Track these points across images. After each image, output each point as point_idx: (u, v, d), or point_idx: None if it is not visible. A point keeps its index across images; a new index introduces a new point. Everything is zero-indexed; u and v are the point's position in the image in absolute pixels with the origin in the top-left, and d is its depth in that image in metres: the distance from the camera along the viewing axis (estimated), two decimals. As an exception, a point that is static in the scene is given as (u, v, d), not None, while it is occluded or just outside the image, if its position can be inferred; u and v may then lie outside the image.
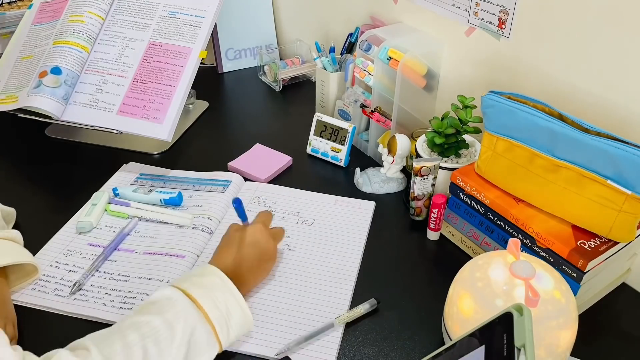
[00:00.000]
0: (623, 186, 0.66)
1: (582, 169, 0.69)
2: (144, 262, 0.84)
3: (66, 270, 0.82)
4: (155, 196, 0.94)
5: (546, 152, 0.73)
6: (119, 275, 0.82)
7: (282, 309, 0.77)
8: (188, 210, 0.94)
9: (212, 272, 0.70)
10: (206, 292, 0.67)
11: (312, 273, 0.83)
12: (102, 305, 0.76)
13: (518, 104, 0.74)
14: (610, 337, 0.74)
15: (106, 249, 0.85)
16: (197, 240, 0.88)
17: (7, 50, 1.14)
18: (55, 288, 0.79)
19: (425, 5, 1.02)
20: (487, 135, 0.79)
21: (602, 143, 0.66)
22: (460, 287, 0.65)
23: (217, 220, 0.92)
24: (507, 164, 0.77)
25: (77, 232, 0.89)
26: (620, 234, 0.69)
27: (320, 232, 0.90)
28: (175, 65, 1.04)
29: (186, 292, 0.66)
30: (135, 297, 0.78)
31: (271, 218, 0.84)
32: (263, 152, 1.10)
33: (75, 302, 0.77)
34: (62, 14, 1.12)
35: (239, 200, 0.80)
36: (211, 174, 1.03)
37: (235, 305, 0.68)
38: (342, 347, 0.72)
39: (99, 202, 0.93)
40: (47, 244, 0.87)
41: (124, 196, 0.95)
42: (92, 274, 0.81)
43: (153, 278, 0.81)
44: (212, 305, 0.66)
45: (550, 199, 0.74)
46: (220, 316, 0.66)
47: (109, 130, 1.00)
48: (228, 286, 0.69)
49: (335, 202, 0.97)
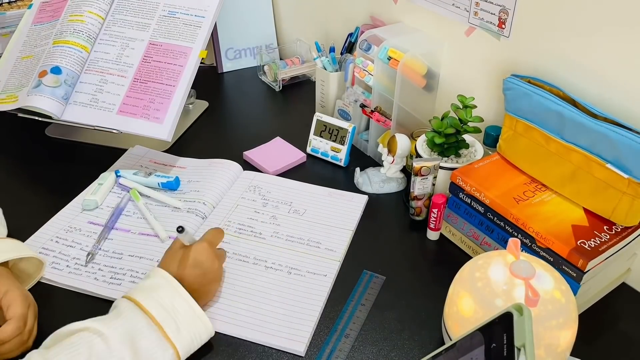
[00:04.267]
0: (622, 170, 0.68)
1: (587, 152, 0.73)
2: (138, 242, 0.88)
3: (65, 245, 0.87)
4: (153, 179, 0.99)
5: (556, 135, 0.76)
6: (113, 252, 0.86)
7: (266, 294, 0.79)
8: (185, 194, 0.97)
9: (156, 273, 0.69)
10: (149, 293, 0.66)
11: (297, 261, 0.84)
12: (93, 279, 0.81)
13: (534, 87, 0.78)
14: (610, 337, 0.74)
15: (108, 222, 0.90)
16: (189, 223, 0.91)
17: (7, 50, 1.14)
18: (53, 261, 0.84)
19: (425, 5, 1.02)
20: (508, 116, 0.83)
21: (605, 128, 0.70)
22: (460, 287, 0.65)
23: (211, 206, 0.95)
24: (527, 143, 0.81)
25: (82, 209, 0.94)
26: (622, 216, 0.71)
27: (309, 222, 0.92)
28: (175, 65, 1.04)
29: (129, 297, 0.65)
30: (125, 274, 0.82)
31: (221, 238, 0.79)
32: (280, 145, 1.12)
33: (69, 276, 0.81)
34: (62, 14, 1.12)
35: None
36: (212, 161, 1.06)
37: (182, 303, 0.66)
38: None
39: (105, 182, 0.98)
40: (50, 220, 0.92)
41: (125, 177, 1.00)
42: (101, 246, 0.86)
43: (144, 257, 0.85)
44: (158, 305, 0.64)
45: (566, 178, 0.77)
46: (167, 316, 0.64)
47: (108, 130, 1.00)
48: (172, 284, 0.67)
49: (328, 194, 0.99)
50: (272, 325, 0.74)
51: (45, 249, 0.86)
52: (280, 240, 0.89)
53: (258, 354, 0.71)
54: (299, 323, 0.74)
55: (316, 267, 0.83)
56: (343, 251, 0.87)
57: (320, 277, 0.82)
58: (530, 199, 0.78)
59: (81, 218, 0.93)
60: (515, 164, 0.85)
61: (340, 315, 0.76)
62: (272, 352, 0.71)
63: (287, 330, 0.73)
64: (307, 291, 0.79)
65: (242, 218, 0.93)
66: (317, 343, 0.72)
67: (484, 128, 0.94)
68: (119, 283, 0.80)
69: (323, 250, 0.87)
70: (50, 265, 0.83)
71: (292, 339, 0.72)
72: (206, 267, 0.73)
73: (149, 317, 0.63)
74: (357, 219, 0.93)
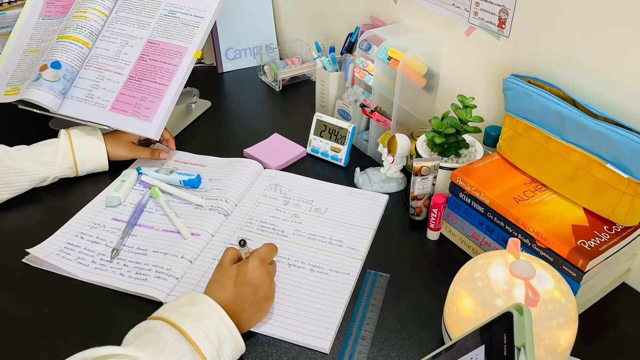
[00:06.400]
0: (622, 170, 0.68)
1: (587, 152, 0.73)
2: (162, 238, 0.89)
3: (90, 241, 0.88)
4: (175, 177, 0.99)
5: (556, 134, 0.76)
6: (138, 248, 0.87)
7: (291, 293, 0.79)
8: (207, 192, 0.98)
9: (203, 301, 0.67)
10: (196, 322, 0.64)
11: (319, 260, 0.85)
12: (119, 275, 0.82)
13: (534, 87, 0.78)
14: (610, 337, 0.74)
15: (131, 219, 0.92)
16: (212, 220, 0.92)
17: (11, 40, 1.13)
18: (78, 257, 0.85)
19: (425, 5, 1.02)
20: (508, 116, 0.83)
21: (605, 128, 0.70)
22: (460, 287, 0.65)
23: (233, 204, 0.96)
24: (527, 143, 0.81)
25: (105, 205, 0.96)
26: (622, 216, 0.71)
27: (331, 221, 0.93)
28: (170, 64, 1.04)
29: (174, 324, 0.63)
30: (150, 270, 0.82)
31: (274, 254, 0.76)
32: (279, 141, 1.13)
33: (95, 272, 0.82)
34: (70, 10, 1.12)
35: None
36: (232, 160, 1.07)
37: (228, 336, 0.65)
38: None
39: (128, 179, 0.99)
40: (75, 215, 0.93)
41: (146, 175, 1.01)
42: (125, 243, 0.88)
43: (169, 253, 0.85)
44: (204, 337, 0.63)
45: (566, 178, 0.77)
46: (212, 348, 0.63)
47: (99, 125, 1.01)
48: (220, 314, 0.66)
49: (348, 193, 0.99)
50: (297, 323, 0.74)
51: (70, 245, 0.87)
52: (302, 239, 0.89)
53: (283, 350, 0.71)
54: (324, 321, 0.75)
55: (339, 266, 0.84)
56: (365, 250, 0.87)
57: (343, 275, 0.82)
58: (530, 199, 0.78)
59: (105, 214, 0.94)
60: (515, 164, 0.84)
61: (353, 316, 0.76)
62: (296, 349, 0.72)
63: (312, 327, 0.73)
64: (331, 289, 0.79)
65: (264, 216, 0.94)
66: (336, 343, 0.72)
67: (484, 128, 0.94)
68: (144, 278, 0.81)
69: (345, 248, 0.87)
70: (76, 261, 0.84)
71: (317, 336, 0.72)
72: (257, 285, 0.71)
73: (195, 349, 0.62)
74: (379, 218, 0.93)
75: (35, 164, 0.95)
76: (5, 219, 0.93)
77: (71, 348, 0.59)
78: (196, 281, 0.81)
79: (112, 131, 1.02)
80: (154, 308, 0.68)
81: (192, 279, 0.81)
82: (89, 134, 1.01)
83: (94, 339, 0.62)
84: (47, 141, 0.99)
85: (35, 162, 0.95)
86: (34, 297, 0.79)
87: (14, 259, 0.84)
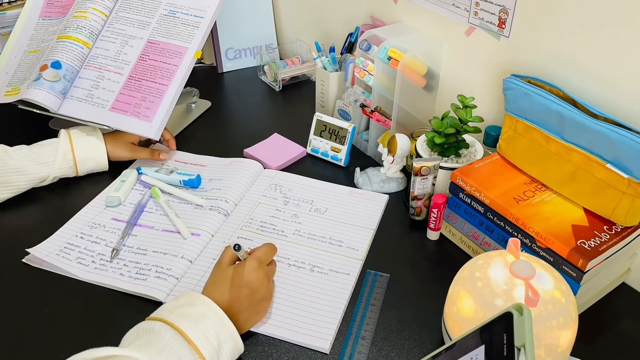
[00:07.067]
0: (622, 170, 0.68)
1: (587, 152, 0.73)
2: (162, 238, 0.89)
3: (90, 241, 0.88)
4: (175, 177, 0.99)
5: (556, 135, 0.76)
6: (138, 248, 0.87)
7: (291, 292, 0.79)
8: (207, 192, 0.98)
9: (202, 302, 0.67)
10: (195, 323, 0.63)
11: (319, 260, 0.85)
12: (119, 275, 0.82)
13: (534, 87, 0.78)
14: (610, 337, 0.74)
15: (131, 219, 0.91)
16: (212, 220, 0.92)
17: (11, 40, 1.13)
18: (78, 257, 0.85)
19: (425, 5, 1.02)
20: (508, 116, 0.83)
21: (605, 128, 0.70)
22: (460, 287, 0.65)
23: (233, 204, 0.96)
24: (527, 143, 0.81)
25: (105, 205, 0.95)
26: (622, 216, 0.71)
27: (331, 221, 0.93)
28: (169, 64, 1.04)
29: (173, 324, 0.63)
30: (150, 270, 0.82)
31: (273, 255, 0.76)
32: (279, 141, 1.13)
33: (95, 272, 0.82)
34: (70, 10, 1.12)
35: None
36: (232, 160, 1.07)
37: (227, 337, 0.65)
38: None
39: (128, 179, 0.99)
40: (75, 215, 0.93)
41: (146, 175, 1.01)
42: (125, 242, 0.88)
43: (169, 253, 0.86)
44: (203, 337, 0.63)
45: (566, 178, 0.77)
46: (211, 349, 0.63)
47: (99, 125, 1.01)
48: (218, 315, 0.66)
49: (348, 193, 0.99)
50: (297, 323, 0.74)
51: (70, 245, 0.87)
52: (302, 239, 0.89)
53: (283, 350, 0.71)
54: (324, 321, 0.75)
55: (339, 266, 0.84)
56: (365, 250, 0.87)
57: (343, 275, 0.82)
58: (530, 199, 0.78)
59: (105, 214, 0.94)
60: (515, 164, 0.84)
61: (353, 316, 0.76)
62: (295, 349, 0.72)
63: (312, 327, 0.74)
64: (331, 289, 0.80)
65: (264, 216, 0.94)
66: (336, 343, 0.72)
67: (484, 128, 0.94)
68: (144, 278, 0.81)
69: (345, 248, 0.87)
70: (76, 261, 0.84)
71: (317, 336, 0.72)
72: (254, 287, 0.71)
73: (194, 350, 0.62)
74: (379, 218, 0.93)
75: (35, 163, 0.95)
76: (5, 219, 0.93)
77: (71, 348, 0.59)
78: (196, 281, 0.81)
79: (112, 131, 1.02)
80: (154, 308, 0.68)
81: (192, 279, 0.81)
82: (89, 134, 1.01)
83: (93, 339, 0.62)
84: (47, 141, 0.99)
85: (35, 161, 0.95)
86: (34, 297, 0.79)
87: (14, 259, 0.84)
